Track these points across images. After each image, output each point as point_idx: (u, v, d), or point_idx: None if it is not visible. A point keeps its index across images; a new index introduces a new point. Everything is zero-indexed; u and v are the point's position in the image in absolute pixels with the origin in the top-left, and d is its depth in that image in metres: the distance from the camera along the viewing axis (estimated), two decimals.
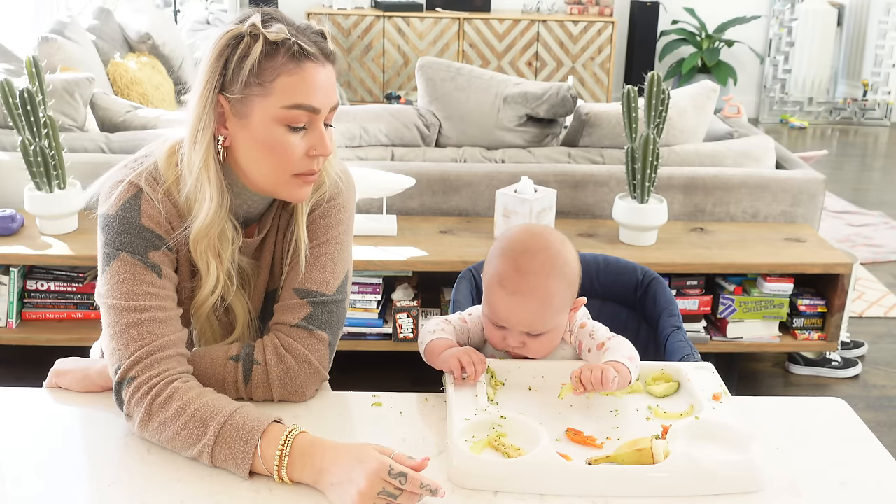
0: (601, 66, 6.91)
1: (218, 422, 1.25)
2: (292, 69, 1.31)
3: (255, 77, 1.30)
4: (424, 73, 3.33)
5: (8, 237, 2.84)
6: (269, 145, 1.34)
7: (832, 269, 2.85)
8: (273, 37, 1.30)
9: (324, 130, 1.36)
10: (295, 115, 1.32)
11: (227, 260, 1.42)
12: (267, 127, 1.33)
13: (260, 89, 1.31)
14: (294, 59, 1.31)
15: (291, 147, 1.34)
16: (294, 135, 1.34)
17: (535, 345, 1.48)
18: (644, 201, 2.89)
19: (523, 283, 1.42)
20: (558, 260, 1.45)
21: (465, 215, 3.14)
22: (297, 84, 1.31)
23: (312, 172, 1.38)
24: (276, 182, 1.38)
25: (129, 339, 1.32)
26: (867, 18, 7.20)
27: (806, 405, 1.54)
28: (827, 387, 3.13)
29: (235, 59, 1.30)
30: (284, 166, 1.36)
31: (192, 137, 1.35)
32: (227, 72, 1.31)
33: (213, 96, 1.32)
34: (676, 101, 3.18)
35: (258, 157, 1.35)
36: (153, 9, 5.11)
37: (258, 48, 1.30)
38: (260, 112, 1.32)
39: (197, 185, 1.36)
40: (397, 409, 1.43)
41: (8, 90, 2.72)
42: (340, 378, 1.58)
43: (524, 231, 1.51)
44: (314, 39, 1.34)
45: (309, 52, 1.31)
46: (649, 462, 1.24)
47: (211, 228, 1.37)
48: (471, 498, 1.21)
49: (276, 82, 1.31)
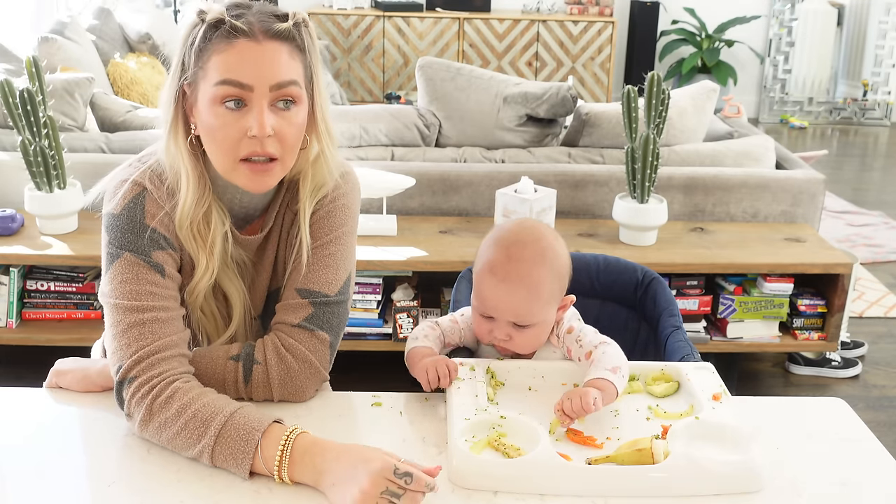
0: (601, 66, 6.91)
1: (218, 422, 1.25)
2: (223, 47, 1.30)
3: (198, 60, 1.32)
4: (424, 73, 3.33)
5: (8, 237, 2.84)
6: (210, 127, 1.33)
7: (832, 269, 2.85)
8: (208, 18, 1.31)
9: (263, 109, 1.31)
10: (225, 91, 1.30)
11: (218, 247, 1.41)
12: (208, 109, 1.32)
13: (202, 72, 1.32)
14: (226, 37, 1.30)
15: (227, 127, 1.31)
16: (230, 114, 1.31)
17: (521, 338, 1.48)
18: (644, 201, 2.89)
19: (513, 271, 1.44)
20: (549, 252, 1.47)
21: (465, 215, 3.14)
22: (226, 60, 1.30)
23: (256, 155, 1.33)
24: (225, 168, 1.36)
25: (130, 338, 1.32)
26: (867, 18, 7.20)
27: (806, 405, 1.54)
28: (827, 387, 3.13)
29: (187, 46, 1.33)
30: (227, 150, 1.33)
31: (164, 126, 1.37)
32: (184, 59, 1.34)
33: (178, 85, 1.35)
34: (676, 101, 3.18)
35: (207, 142, 1.36)
36: (153, 9, 5.11)
37: (199, 31, 1.32)
38: (202, 94, 1.33)
39: (174, 170, 1.38)
40: (397, 409, 1.43)
41: (8, 90, 2.72)
42: (340, 378, 1.58)
43: (517, 223, 1.54)
44: (261, 18, 1.32)
45: (240, 29, 1.30)
46: (649, 462, 1.24)
47: (193, 212, 1.38)
48: (471, 498, 1.21)
49: (210, 62, 1.31)
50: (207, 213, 1.40)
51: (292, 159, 1.39)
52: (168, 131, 1.37)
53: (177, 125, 1.36)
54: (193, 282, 1.42)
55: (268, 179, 1.37)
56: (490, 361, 1.49)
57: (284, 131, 1.33)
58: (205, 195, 1.39)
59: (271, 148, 1.33)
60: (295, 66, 1.34)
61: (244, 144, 1.32)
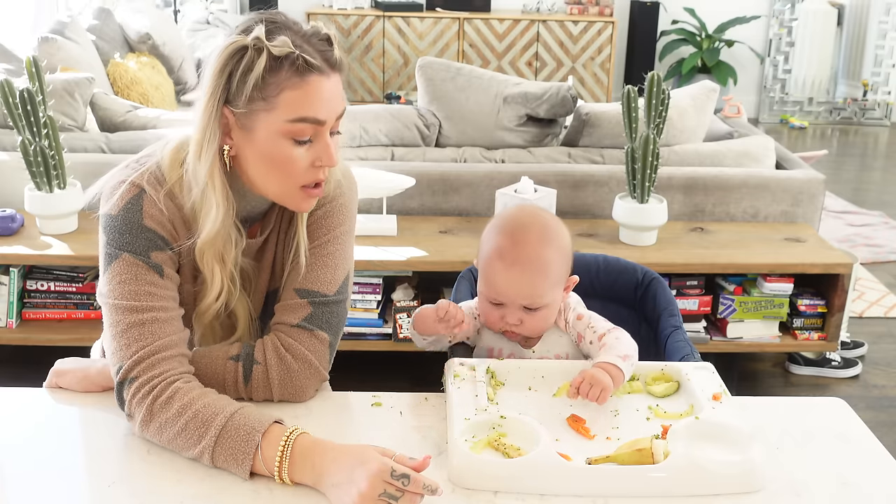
0: (601, 66, 6.91)
1: (219, 422, 1.25)
2: (296, 83, 1.29)
3: (258, 92, 1.29)
4: (424, 73, 3.33)
5: (8, 237, 2.84)
6: (275, 158, 1.33)
7: (832, 269, 2.85)
8: (277, 51, 1.27)
9: (329, 141, 1.35)
10: (300, 129, 1.31)
11: (230, 263, 1.41)
12: (272, 140, 1.32)
13: (264, 104, 1.30)
14: (298, 72, 1.29)
15: (297, 160, 1.33)
16: (299, 148, 1.33)
17: (532, 321, 1.51)
18: (644, 201, 2.89)
19: (521, 254, 1.47)
20: (552, 232, 1.51)
21: (465, 215, 3.14)
22: (302, 98, 1.30)
23: (318, 183, 1.37)
24: (282, 193, 1.38)
25: (130, 339, 1.32)
26: (867, 18, 7.20)
27: (806, 405, 1.54)
28: (827, 387, 3.13)
29: (239, 73, 1.29)
30: (290, 179, 1.35)
31: (196, 150, 1.33)
32: (231, 85, 1.30)
33: (218, 109, 1.31)
34: (676, 101, 3.18)
35: (264, 170, 1.35)
36: (153, 9, 5.11)
37: (262, 63, 1.27)
38: (265, 126, 1.31)
39: (203, 197, 1.35)
40: (397, 409, 1.43)
41: (8, 90, 2.72)
42: (340, 378, 1.58)
43: (517, 209, 1.59)
44: (319, 49, 1.31)
45: (313, 65, 1.29)
46: (649, 462, 1.24)
47: (217, 237, 1.37)
48: (471, 498, 1.21)
49: (280, 97, 1.29)
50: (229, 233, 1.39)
51: None
52: (199, 151, 1.33)
53: (211, 146, 1.33)
54: (206, 303, 1.42)
55: (315, 201, 1.41)
56: (490, 361, 1.49)
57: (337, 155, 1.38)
58: (230, 216, 1.38)
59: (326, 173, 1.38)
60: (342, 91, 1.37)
61: (310, 174, 1.35)
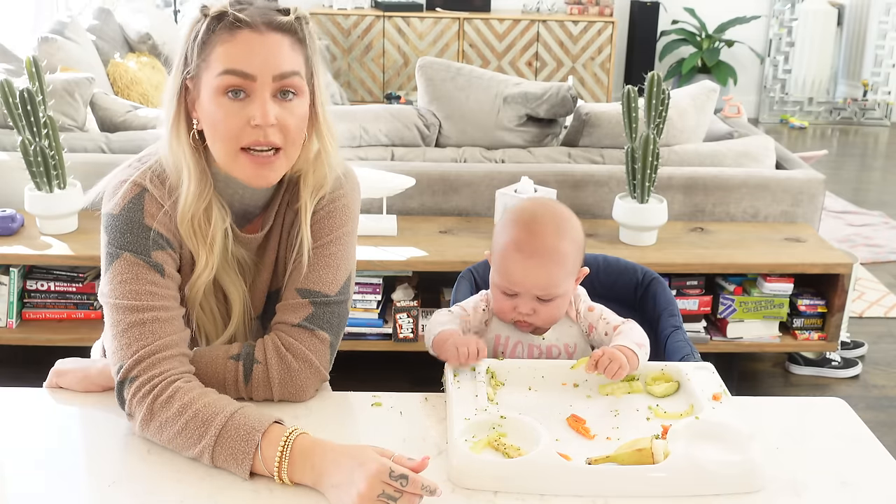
0: (601, 66, 6.91)
1: (219, 422, 1.25)
2: (226, 38, 1.32)
3: (201, 53, 1.33)
4: (424, 73, 3.33)
5: (8, 237, 2.84)
6: (213, 117, 1.34)
7: (832, 270, 2.85)
8: (213, 11, 1.32)
9: (266, 99, 1.33)
10: (227, 81, 1.32)
11: (218, 243, 1.41)
12: (210, 99, 1.33)
13: (205, 64, 1.33)
14: (229, 29, 1.32)
15: (230, 117, 1.33)
16: (233, 104, 1.33)
17: (545, 311, 1.54)
18: (644, 201, 2.89)
19: (539, 245, 1.50)
20: (567, 224, 1.55)
21: (465, 215, 3.14)
22: (230, 51, 1.32)
23: (259, 145, 1.34)
24: (226, 160, 1.36)
25: (131, 338, 1.32)
26: (867, 18, 7.20)
27: (806, 405, 1.54)
28: (827, 387, 3.13)
29: (190, 41, 1.34)
30: (228, 138, 1.34)
31: (167, 122, 1.38)
32: (186, 55, 1.35)
33: (181, 80, 1.36)
34: (676, 101, 3.18)
35: (209, 134, 1.36)
36: (153, 9, 5.11)
37: (203, 25, 1.33)
38: (206, 86, 1.34)
39: (175, 165, 1.38)
40: (397, 409, 1.43)
41: (8, 90, 2.72)
42: (340, 378, 1.58)
43: (531, 202, 1.65)
44: (263, 12, 1.34)
45: (244, 21, 1.32)
46: (649, 462, 1.24)
47: (194, 206, 1.38)
48: (471, 498, 1.21)
49: (213, 53, 1.32)
50: (208, 209, 1.40)
51: (295, 153, 1.39)
52: (170, 127, 1.38)
53: (179, 120, 1.37)
54: (193, 277, 1.43)
55: (270, 173, 1.37)
56: (490, 361, 1.49)
57: (286, 121, 1.34)
58: (206, 190, 1.39)
59: (273, 137, 1.34)
60: (296, 57, 1.36)
61: (246, 134, 1.33)
